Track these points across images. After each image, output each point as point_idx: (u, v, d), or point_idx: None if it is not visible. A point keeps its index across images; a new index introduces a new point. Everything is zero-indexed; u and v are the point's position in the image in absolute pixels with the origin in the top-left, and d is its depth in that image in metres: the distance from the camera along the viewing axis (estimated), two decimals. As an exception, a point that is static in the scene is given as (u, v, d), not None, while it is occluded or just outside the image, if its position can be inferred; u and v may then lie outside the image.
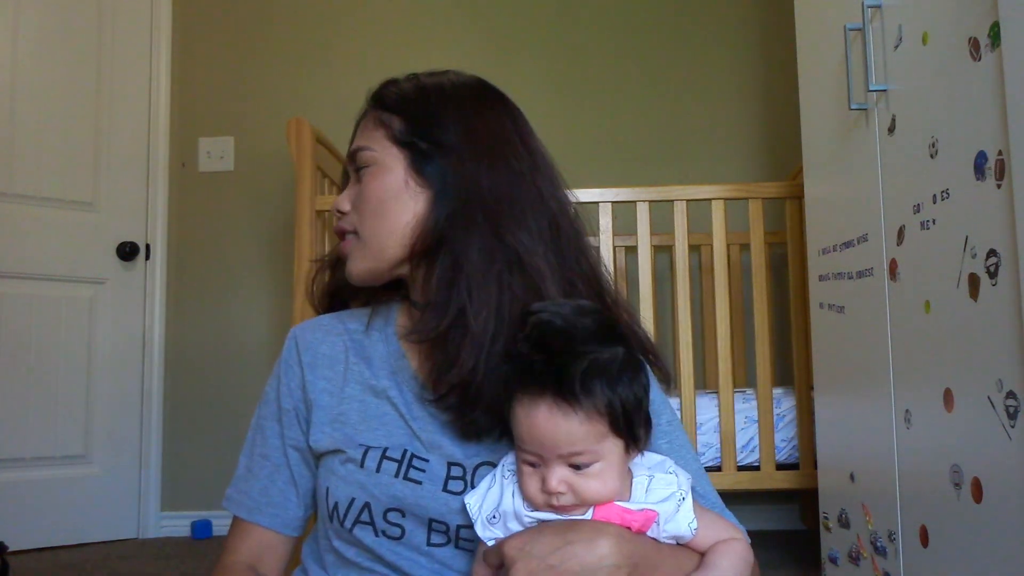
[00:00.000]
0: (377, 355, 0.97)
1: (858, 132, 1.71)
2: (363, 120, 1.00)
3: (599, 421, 0.75)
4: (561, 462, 0.76)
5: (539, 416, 0.75)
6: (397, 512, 0.88)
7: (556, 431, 0.75)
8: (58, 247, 2.86)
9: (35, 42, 2.85)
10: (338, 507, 0.89)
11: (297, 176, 2.37)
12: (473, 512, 0.82)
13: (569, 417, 0.74)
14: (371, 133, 0.98)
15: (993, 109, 1.17)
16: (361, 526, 0.88)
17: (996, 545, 1.19)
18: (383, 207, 0.94)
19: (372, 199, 0.95)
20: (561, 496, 0.76)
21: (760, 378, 2.38)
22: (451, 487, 0.88)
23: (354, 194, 0.98)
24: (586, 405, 0.74)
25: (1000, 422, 1.16)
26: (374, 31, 3.25)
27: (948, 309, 1.32)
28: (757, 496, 2.90)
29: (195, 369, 3.12)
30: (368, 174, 0.96)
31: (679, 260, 2.43)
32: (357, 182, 0.98)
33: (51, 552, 2.71)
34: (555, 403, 0.75)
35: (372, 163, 0.96)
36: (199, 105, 3.24)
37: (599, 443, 0.76)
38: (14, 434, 2.73)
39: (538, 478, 0.77)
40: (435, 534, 0.88)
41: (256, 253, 3.16)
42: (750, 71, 3.18)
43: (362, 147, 0.97)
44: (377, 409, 0.94)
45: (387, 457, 0.89)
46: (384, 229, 0.94)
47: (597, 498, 0.77)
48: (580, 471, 0.76)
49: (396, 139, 0.96)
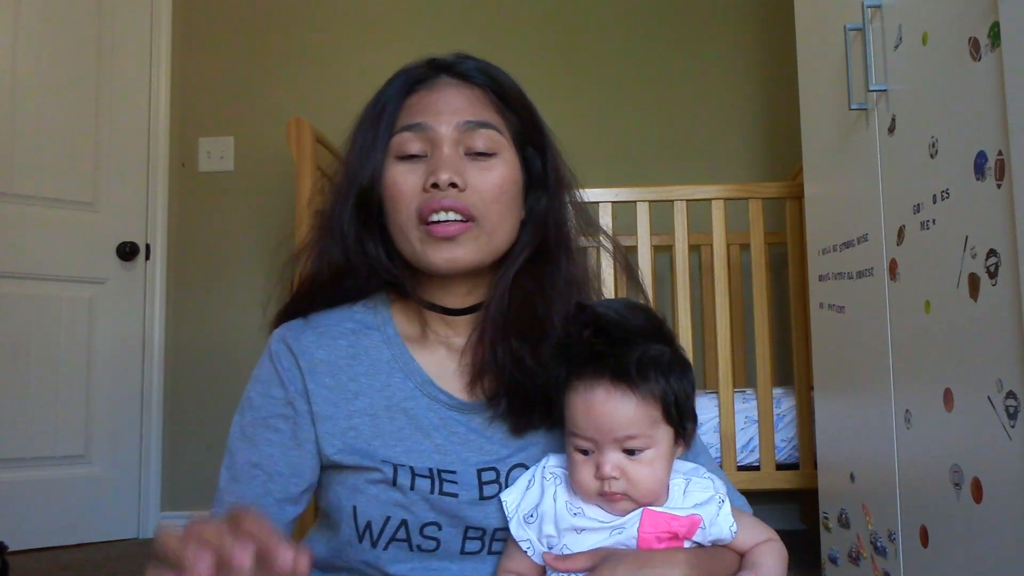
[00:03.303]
0: (382, 359, 0.91)
1: (858, 132, 1.71)
2: (461, 88, 0.89)
3: (653, 406, 0.78)
4: (615, 447, 0.78)
5: (597, 398, 0.78)
6: (434, 526, 0.86)
7: (614, 412, 0.77)
8: (58, 247, 2.86)
9: (35, 42, 2.85)
10: (371, 526, 0.86)
11: (297, 176, 2.37)
12: (510, 510, 0.83)
13: (627, 398, 0.78)
14: (492, 114, 0.89)
15: (993, 109, 1.17)
16: (397, 543, 0.86)
17: (996, 545, 1.19)
18: (512, 202, 0.89)
19: (503, 189, 0.88)
20: (614, 482, 0.78)
21: (760, 378, 2.38)
22: (486, 492, 0.87)
23: (464, 172, 0.86)
24: (642, 390, 0.78)
25: (1000, 422, 1.16)
26: (374, 31, 3.25)
27: (948, 309, 1.32)
28: (757, 496, 2.88)
29: (195, 369, 3.12)
30: (497, 160, 0.88)
31: (679, 260, 2.43)
32: (468, 159, 0.87)
33: (51, 552, 2.70)
34: (613, 386, 0.78)
35: (501, 150, 0.89)
36: (199, 105, 3.23)
37: (652, 429, 0.79)
38: (14, 434, 2.73)
39: (591, 465, 0.79)
40: (470, 542, 0.87)
41: (256, 253, 3.16)
42: (750, 71, 3.17)
43: (489, 123, 0.88)
44: (391, 424, 0.89)
45: (418, 475, 0.86)
46: (508, 225, 0.89)
47: (647, 486, 0.79)
48: (633, 457, 0.78)
49: (515, 139, 0.91)
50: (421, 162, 0.87)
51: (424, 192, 0.86)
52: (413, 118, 0.88)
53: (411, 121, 0.88)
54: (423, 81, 0.91)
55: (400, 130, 0.88)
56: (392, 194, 0.88)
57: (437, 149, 0.87)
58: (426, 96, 0.90)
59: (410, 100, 0.90)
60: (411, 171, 0.87)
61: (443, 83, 0.90)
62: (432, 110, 0.88)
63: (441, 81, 0.91)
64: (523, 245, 0.91)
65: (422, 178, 0.86)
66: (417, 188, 0.86)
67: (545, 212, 0.92)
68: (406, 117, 0.89)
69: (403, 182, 0.87)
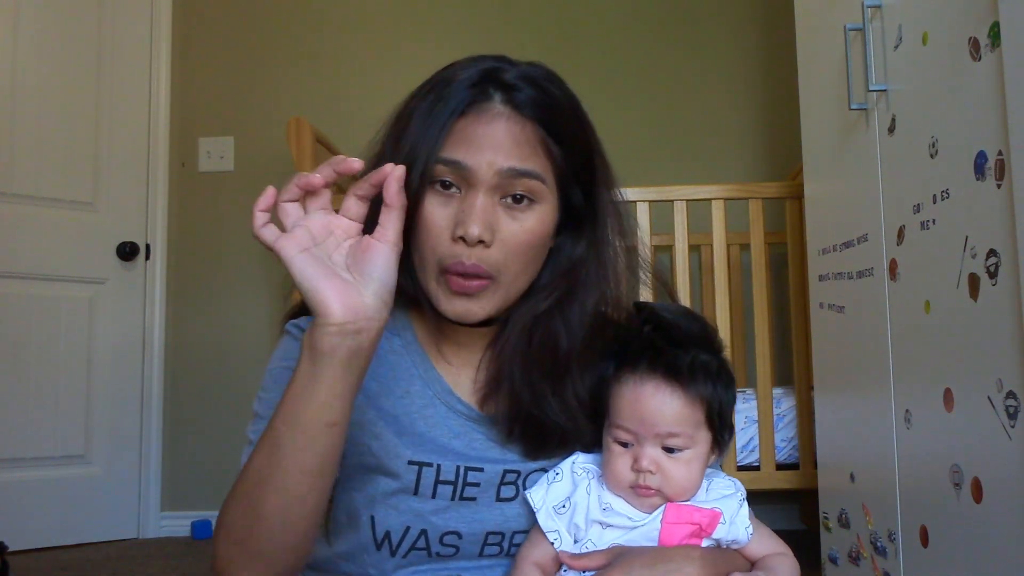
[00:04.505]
0: (401, 365, 0.91)
1: (858, 132, 1.71)
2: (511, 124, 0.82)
3: (699, 409, 0.81)
4: (656, 442, 0.80)
5: (646, 391, 0.81)
6: (454, 535, 0.86)
7: (661, 407, 0.80)
8: (58, 247, 2.86)
9: (35, 42, 2.85)
10: (390, 536, 0.85)
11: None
12: (537, 502, 0.84)
13: (675, 396, 0.80)
14: (538, 159, 0.83)
15: (993, 109, 1.17)
16: (416, 552, 0.86)
17: (996, 545, 1.19)
18: (537, 254, 0.85)
19: (529, 243, 0.83)
20: (650, 476, 0.79)
21: (760, 378, 2.38)
22: (504, 493, 0.87)
23: (495, 223, 0.82)
24: (691, 391, 0.81)
25: (1000, 422, 1.16)
26: (374, 31, 3.25)
27: (948, 309, 1.32)
28: (757, 496, 2.88)
29: (195, 369, 3.12)
30: (532, 212, 0.83)
31: (679, 260, 2.43)
32: (502, 206, 0.82)
33: (51, 552, 2.71)
34: (664, 382, 0.81)
35: (540, 199, 0.83)
36: (199, 105, 3.23)
37: (694, 430, 0.81)
38: (14, 434, 2.73)
39: (629, 457, 0.81)
40: (489, 547, 0.87)
41: (256, 253, 3.16)
42: (750, 71, 3.17)
43: (532, 172, 0.82)
44: (411, 428, 0.88)
45: (441, 481, 0.85)
46: (527, 276, 0.85)
47: (681, 486, 0.81)
48: (672, 455, 0.80)
49: (559, 179, 0.85)
50: (455, 196, 0.83)
51: (452, 242, 0.81)
52: (456, 152, 0.82)
53: (452, 156, 0.82)
54: (476, 103, 0.84)
55: (440, 161, 0.82)
56: (422, 225, 0.83)
57: (472, 191, 0.82)
58: (474, 125, 0.83)
59: (459, 124, 0.83)
60: (443, 204, 0.83)
61: (494, 113, 0.83)
62: (476, 145, 0.82)
63: (493, 110, 0.84)
64: (548, 287, 0.87)
65: (452, 220, 0.82)
66: (445, 231, 0.82)
67: (580, 257, 0.88)
68: (450, 146, 0.83)
69: (433, 216, 0.82)
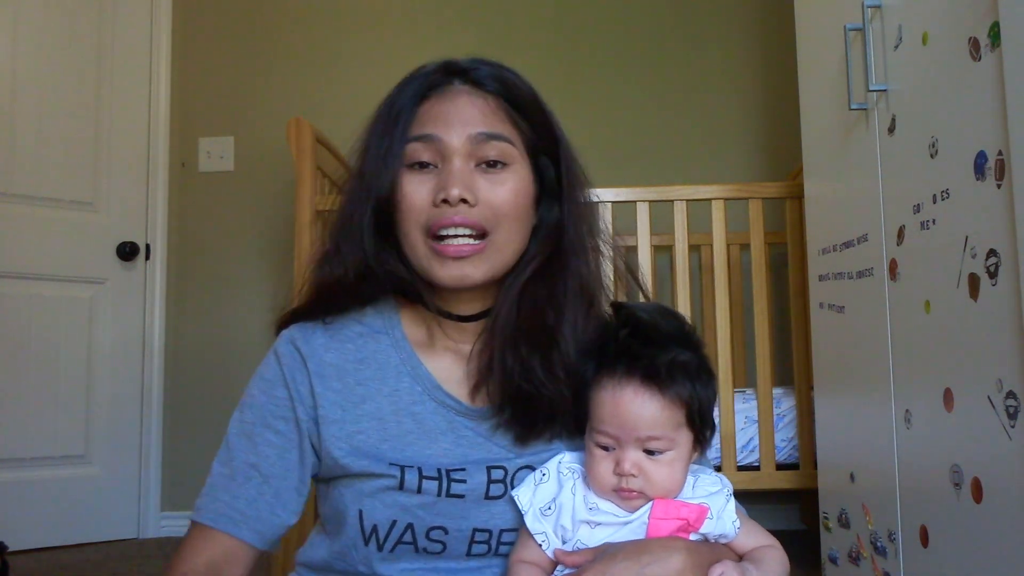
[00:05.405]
0: (390, 363, 0.92)
1: (858, 132, 1.71)
2: (473, 97, 0.88)
3: (678, 410, 0.81)
4: (637, 445, 0.80)
5: (625, 396, 0.80)
6: (440, 530, 0.86)
7: (640, 411, 0.80)
8: (58, 247, 2.86)
9: (35, 42, 2.85)
10: (377, 529, 0.86)
11: (297, 176, 2.37)
12: (524, 504, 0.84)
13: (654, 399, 0.80)
14: (505, 125, 0.88)
15: (993, 109, 1.17)
16: (403, 546, 0.86)
17: (996, 545, 1.19)
18: (523, 214, 0.88)
19: (514, 203, 0.87)
20: (632, 480, 0.79)
21: (760, 378, 2.38)
22: (492, 492, 0.87)
23: (474, 185, 0.86)
24: (669, 392, 0.80)
25: (1000, 422, 1.16)
26: (374, 31, 3.25)
27: (948, 309, 1.32)
28: (757, 496, 2.90)
29: (195, 369, 3.12)
30: (509, 173, 0.87)
31: (679, 260, 2.43)
32: (479, 171, 0.87)
33: (51, 552, 2.71)
34: (643, 385, 0.80)
35: (513, 161, 0.88)
36: (199, 105, 3.23)
37: (675, 431, 0.81)
38: (14, 434, 2.73)
39: (611, 461, 0.81)
40: (477, 545, 0.87)
41: (256, 253, 3.16)
42: (750, 71, 3.17)
43: (502, 135, 0.87)
44: (398, 427, 0.89)
45: (426, 477, 0.86)
46: (519, 238, 0.89)
47: (663, 487, 0.81)
48: (653, 457, 0.80)
49: (528, 149, 0.90)
50: (431, 172, 0.87)
51: (434, 207, 0.85)
52: (424, 128, 0.87)
53: (422, 132, 0.87)
54: (436, 87, 0.90)
55: (411, 140, 0.87)
56: (402, 205, 0.87)
57: (447, 162, 0.86)
58: (438, 104, 0.89)
59: (423, 107, 0.89)
60: (421, 182, 0.87)
61: (456, 91, 0.89)
62: (443, 120, 0.87)
63: (454, 88, 0.90)
64: (532, 255, 0.90)
65: (432, 192, 0.86)
66: (427, 201, 0.86)
67: (557, 222, 0.91)
68: (418, 126, 0.88)
69: (412, 193, 0.86)
